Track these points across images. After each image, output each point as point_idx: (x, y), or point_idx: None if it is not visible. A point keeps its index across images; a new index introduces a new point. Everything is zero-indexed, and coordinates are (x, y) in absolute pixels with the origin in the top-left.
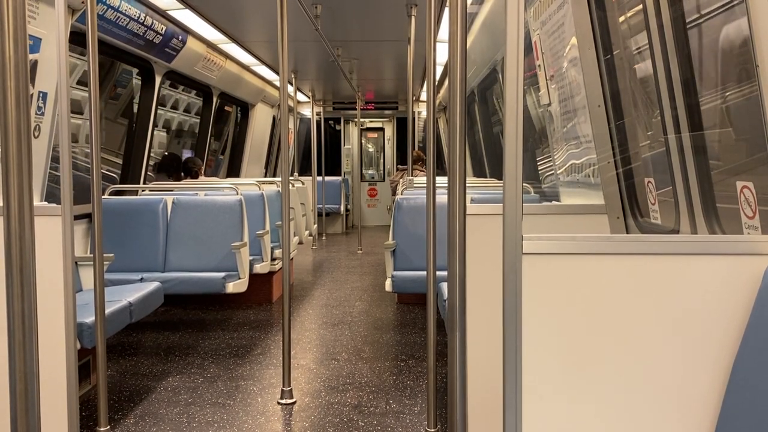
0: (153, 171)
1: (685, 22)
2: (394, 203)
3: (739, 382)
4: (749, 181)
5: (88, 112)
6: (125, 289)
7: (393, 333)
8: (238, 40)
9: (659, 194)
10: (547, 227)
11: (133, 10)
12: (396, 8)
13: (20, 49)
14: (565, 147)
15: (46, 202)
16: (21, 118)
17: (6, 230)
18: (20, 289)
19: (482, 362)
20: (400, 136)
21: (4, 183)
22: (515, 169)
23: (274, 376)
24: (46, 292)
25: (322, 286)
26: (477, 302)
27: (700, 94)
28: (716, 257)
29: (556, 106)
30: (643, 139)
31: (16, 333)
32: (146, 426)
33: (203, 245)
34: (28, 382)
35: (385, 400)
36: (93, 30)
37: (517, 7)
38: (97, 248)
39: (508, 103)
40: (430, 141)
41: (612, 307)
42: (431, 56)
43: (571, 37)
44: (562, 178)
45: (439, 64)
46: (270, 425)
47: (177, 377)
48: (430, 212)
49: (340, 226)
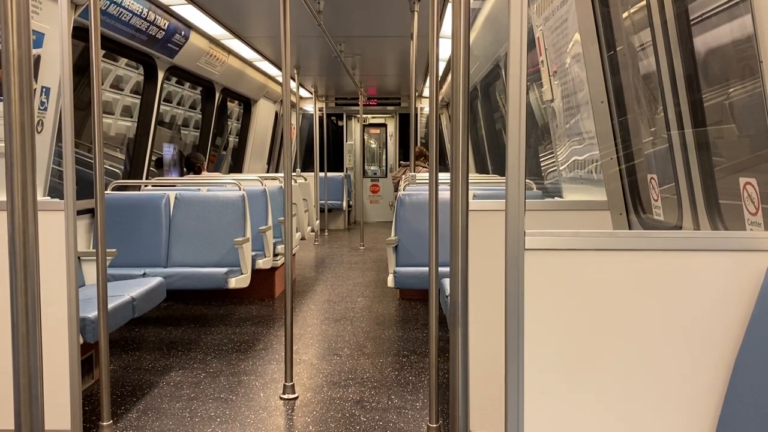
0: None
1: (688, 18)
2: (396, 199)
3: (741, 378)
4: (752, 177)
5: (91, 108)
6: (128, 284)
7: (395, 329)
8: (240, 35)
9: (662, 190)
10: (550, 223)
11: (135, 6)
12: (399, 3)
13: (23, 44)
14: (568, 143)
15: (49, 197)
16: (24, 114)
17: (10, 225)
18: (24, 284)
19: (484, 358)
20: (403, 132)
21: (8, 178)
22: (518, 165)
23: (276, 371)
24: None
25: (325, 281)
26: (479, 298)
27: (703, 90)
28: (719, 253)
29: (559, 102)
30: (646, 135)
31: (20, 328)
32: (149, 420)
33: (206, 241)
34: (31, 377)
35: (387, 395)
36: (96, 25)
37: (520, 3)
38: (100, 243)
39: (510, 99)
40: (432, 137)
41: (614, 303)
42: (434, 52)
43: (574, 33)
44: (565, 174)
45: (442, 59)
46: (272, 420)
47: (179, 372)
48: (433, 208)
49: (342, 222)
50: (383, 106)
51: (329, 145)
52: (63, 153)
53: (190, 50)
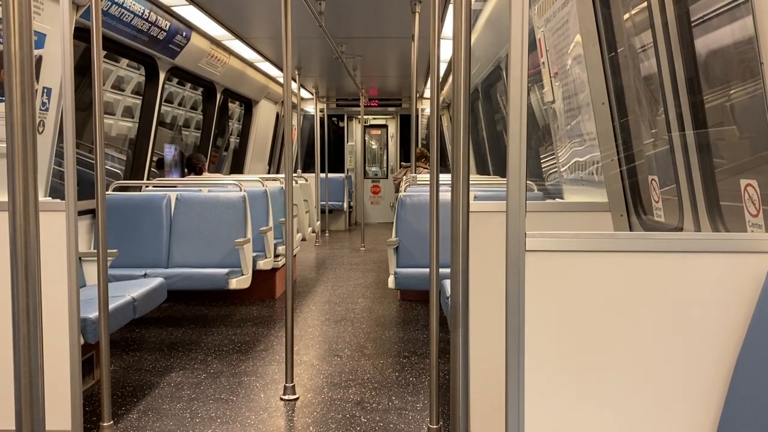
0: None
1: (689, 19)
2: (397, 200)
3: (742, 379)
4: (753, 179)
5: (93, 109)
6: (129, 284)
7: (396, 330)
8: (241, 36)
9: (663, 192)
10: (551, 225)
11: (137, 6)
12: (400, 5)
13: (25, 45)
14: (569, 144)
15: (50, 197)
16: (26, 114)
17: (11, 226)
18: (25, 284)
19: (485, 359)
20: (404, 133)
21: (10, 179)
22: (519, 166)
23: (276, 372)
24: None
25: (325, 282)
26: (480, 299)
27: (704, 91)
28: (720, 255)
29: (560, 103)
30: (647, 136)
31: (21, 328)
32: (149, 421)
33: (206, 241)
34: (32, 377)
35: (388, 396)
36: (97, 26)
37: (521, 4)
38: (101, 244)
39: (511, 100)
40: (433, 138)
41: (615, 304)
42: (435, 53)
43: (576, 35)
44: (566, 176)
45: (443, 61)
46: (272, 421)
47: (180, 373)
48: (434, 209)
49: (343, 223)
50: (384, 107)
51: (330, 146)
52: (64, 153)
53: (192, 51)
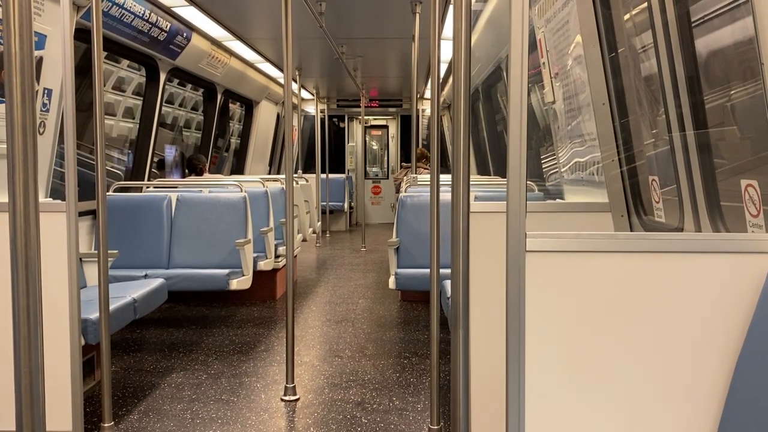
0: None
1: (690, 20)
2: (397, 201)
3: (742, 379)
4: (754, 179)
5: (93, 109)
6: (129, 285)
7: (396, 330)
8: (242, 37)
9: (663, 192)
10: (551, 225)
11: (137, 7)
12: (400, 5)
13: (25, 46)
14: (570, 145)
15: (51, 198)
16: (26, 115)
17: (12, 226)
18: (25, 285)
19: (485, 359)
20: (404, 133)
21: (10, 179)
22: (519, 166)
23: (277, 372)
24: (51, 288)
25: (326, 283)
26: (480, 300)
27: (705, 92)
28: (720, 255)
29: (560, 103)
30: (648, 137)
31: (22, 329)
32: (150, 422)
33: (207, 242)
34: (33, 378)
35: (388, 397)
36: (98, 27)
37: (521, 5)
38: (102, 245)
39: (512, 100)
40: (434, 139)
41: (615, 304)
42: (435, 54)
43: (576, 35)
44: (566, 176)
45: (444, 61)
46: (273, 422)
47: (181, 374)
48: (434, 210)
49: (343, 223)
50: (385, 107)
51: (331, 146)
52: (65, 154)
53: (192, 52)
